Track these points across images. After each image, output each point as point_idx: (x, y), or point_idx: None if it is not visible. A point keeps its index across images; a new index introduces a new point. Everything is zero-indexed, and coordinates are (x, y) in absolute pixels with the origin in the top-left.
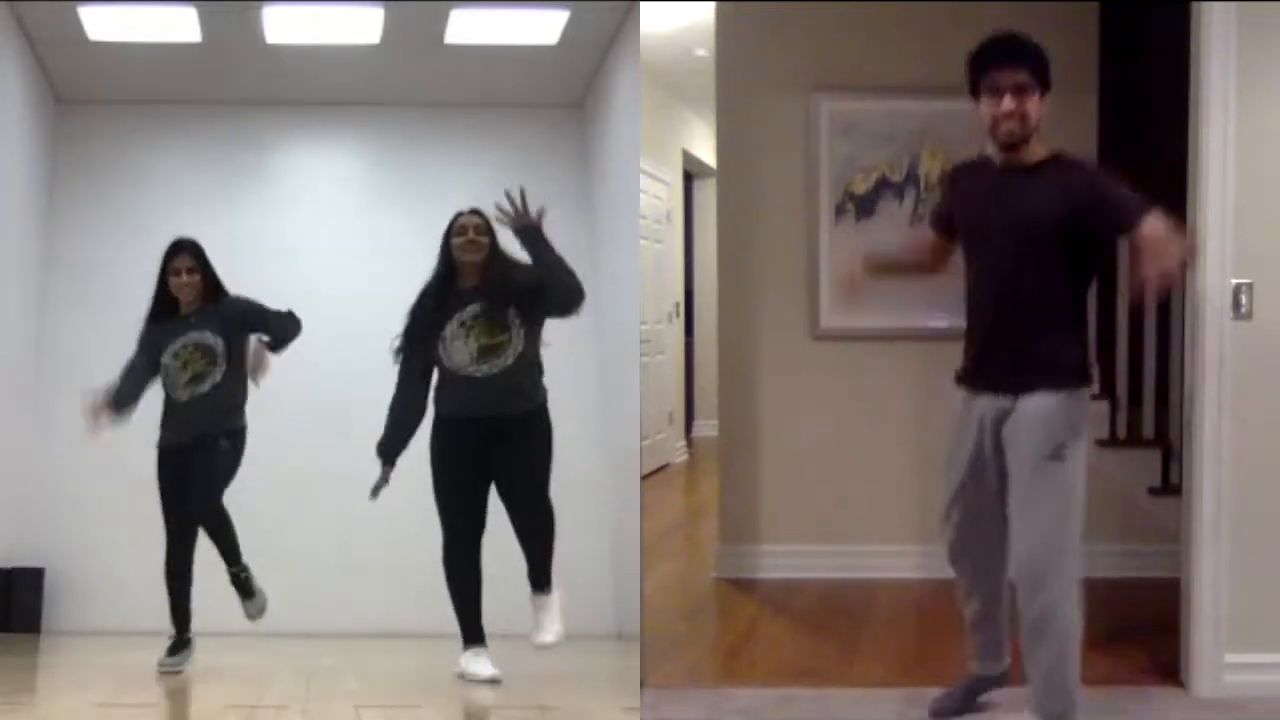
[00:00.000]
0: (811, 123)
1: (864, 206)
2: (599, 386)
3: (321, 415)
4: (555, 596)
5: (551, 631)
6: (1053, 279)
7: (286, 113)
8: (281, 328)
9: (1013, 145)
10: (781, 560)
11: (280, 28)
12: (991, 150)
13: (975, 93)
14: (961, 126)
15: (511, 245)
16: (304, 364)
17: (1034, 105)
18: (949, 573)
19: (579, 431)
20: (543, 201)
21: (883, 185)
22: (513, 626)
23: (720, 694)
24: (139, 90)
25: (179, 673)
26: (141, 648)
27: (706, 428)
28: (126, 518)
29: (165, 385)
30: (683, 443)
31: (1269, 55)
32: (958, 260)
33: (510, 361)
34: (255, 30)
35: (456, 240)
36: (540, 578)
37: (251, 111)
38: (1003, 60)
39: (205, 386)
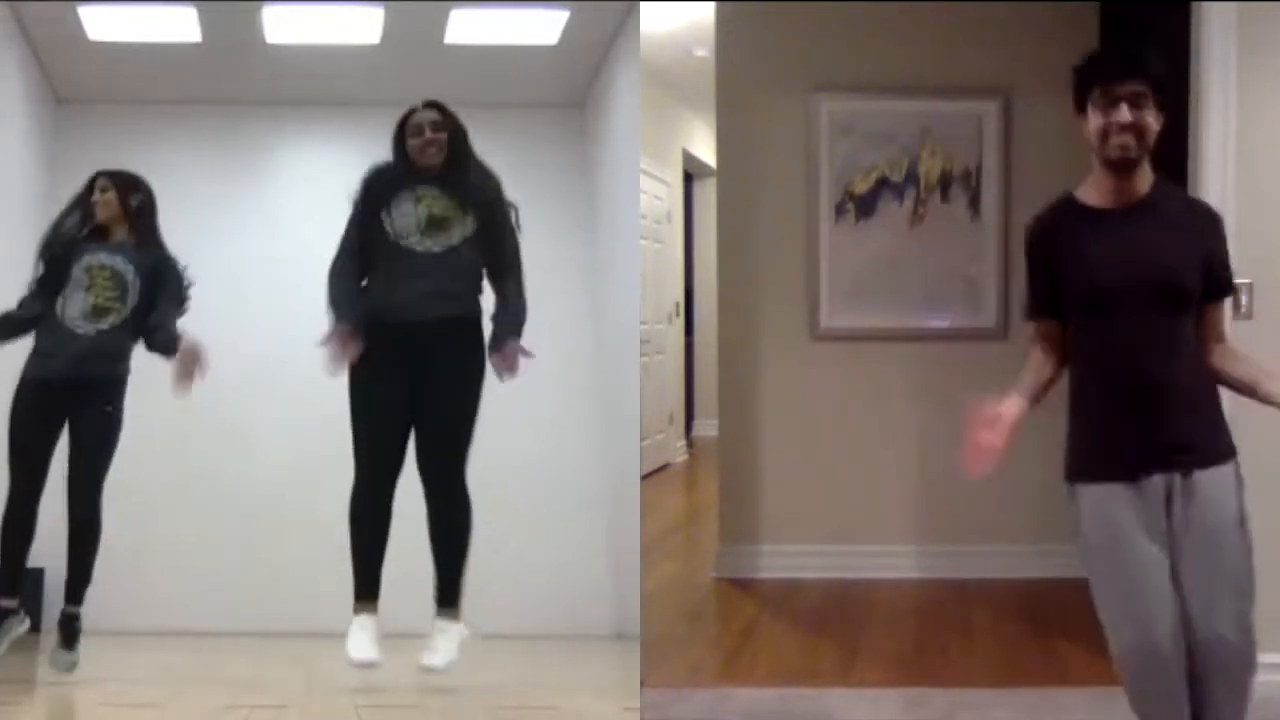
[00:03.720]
0: (811, 123)
1: (864, 206)
2: (599, 386)
3: (319, 412)
4: (459, 628)
5: (441, 654)
6: (1192, 335)
7: (286, 113)
8: (161, 343)
9: (1125, 166)
10: (781, 560)
11: (280, 28)
12: (1092, 181)
13: (1080, 107)
14: (962, 126)
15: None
16: (300, 360)
17: (1152, 118)
18: (949, 573)
19: (579, 431)
20: (543, 201)
21: (883, 185)
22: (503, 627)
23: (720, 694)
24: (139, 90)
25: None
26: (141, 647)
27: (706, 428)
28: (126, 518)
29: (60, 302)
30: (683, 443)
31: (1269, 55)
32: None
33: (457, 242)
34: (255, 30)
35: (412, 142)
36: (448, 592)
37: (251, 111)
38: (1119, 71)
39: (104, 324)
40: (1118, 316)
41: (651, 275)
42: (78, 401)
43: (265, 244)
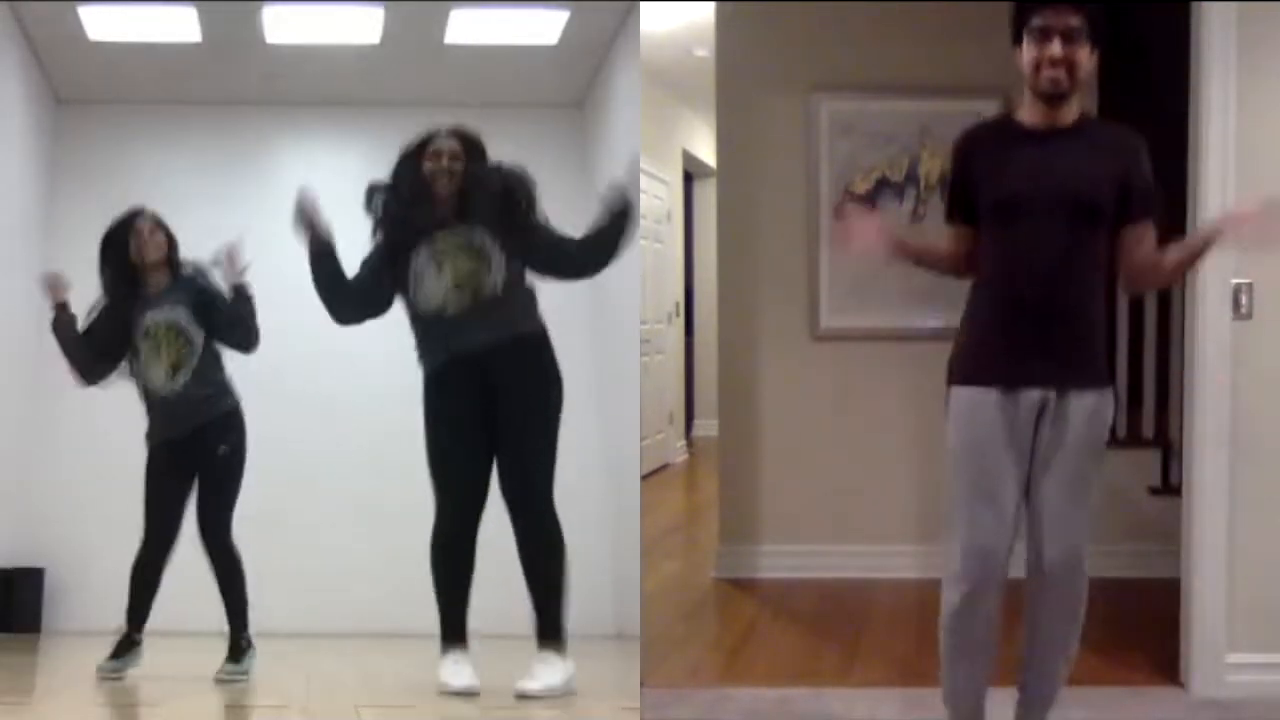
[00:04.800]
0: (811, 123)
1: (864, 206)
2: (599, 386)
3: (321, 412)
4: (563, 662)
5: (541, 680)
6: (1098, 259)
7: (286, 113)
8: (240, 322)
9: (1054, 99)
10: (781, 560)
11: (280, 28)
12: (1025, 105)
13: (1018, 39)
14: (961, 126)
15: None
16: (304, 361)
17: (1084, 54)
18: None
19: (579, 431)
20: (543, 201)
21: (883, 185)
22: (508, 626)
23: (720, 694)
24: (139, 90)
25: (120, 678)
26: (142, 648)
27: (706, 428)
28: (126, 518)
29: (140, 373)
30: (683, 443)
31: (1269, 55)
32: None
33: (489, 294)
34: (255, 30)
35: (429, 165)
36: (548, 627)
37: (251, 111)
38: (1054, 1)
39: (189, 375)
40: (1025, 228)
41: (651, 275)
42: (198, 450)
43: (265, 244)
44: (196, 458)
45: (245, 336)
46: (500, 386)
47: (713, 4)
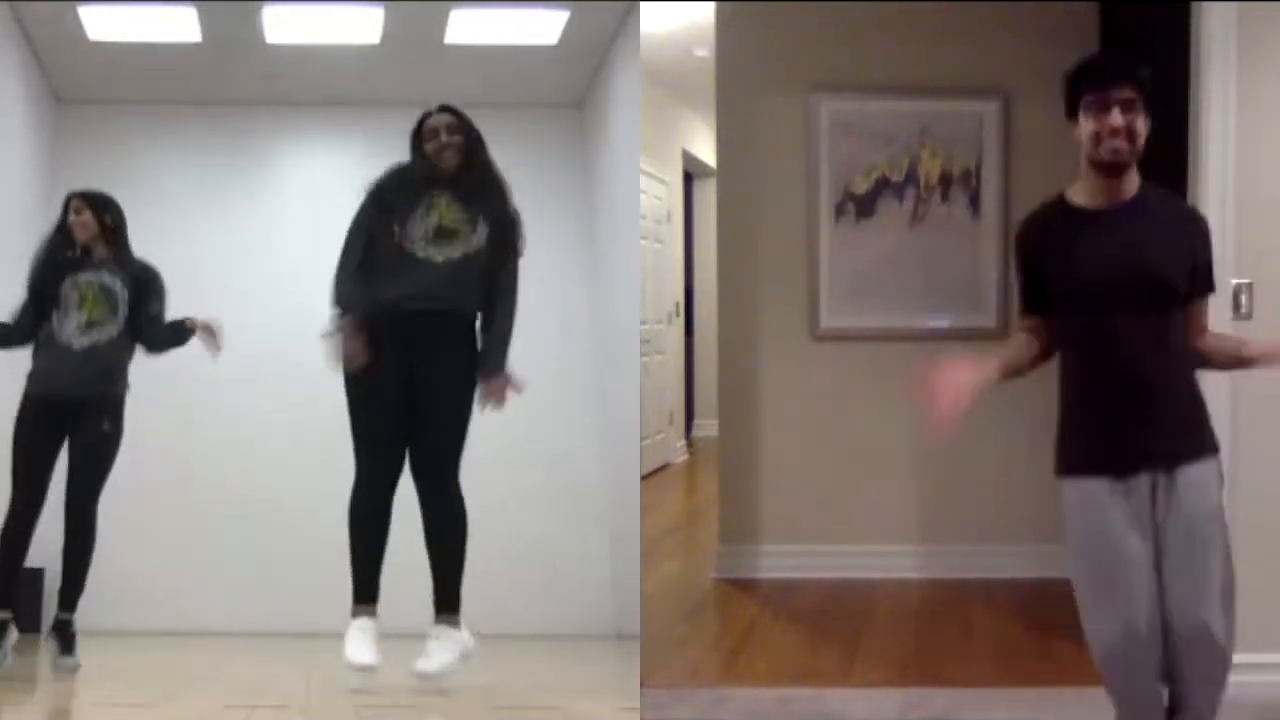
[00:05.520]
0: (811, 123)
1: (864, 206)
2: (599, 387)
3: (319, 413)
4: (458, 635)
5: (435, 660)
6: (1179, 333)
7: (286, 113)
8: (167, 337)
9: (1115, 169)
10: (781, 560)
11: (280, 28)
12: (1081, 184)
13: (1072, 113)
14: (961, 126)
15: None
16: (301, 362)
17: (1142, 122)
18: (949, 573)
19: (579, 431)
20: (543, 200)
21: (883, 185)
22: (503, 627)
23: (720, 694)
24: (139, 90)
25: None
26: (142, 647)
27: (706, 428)
28: (126, 518)
29: (54, 321)
30: (683, 443)
31: (1269, 55)
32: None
33: (459, 256)
34: (255, 30)
35: (429, 145)
36: (446, 598)
37: (251, 111)
38: (1110, 76)
39: (99, 338)
40: (1106, 314)
41: (651, 275)
42: (77, 420)
43: (264, 244)
44: (75, 427)
45: (155, 340)
46: (427, 356)
47: (713, 4)
